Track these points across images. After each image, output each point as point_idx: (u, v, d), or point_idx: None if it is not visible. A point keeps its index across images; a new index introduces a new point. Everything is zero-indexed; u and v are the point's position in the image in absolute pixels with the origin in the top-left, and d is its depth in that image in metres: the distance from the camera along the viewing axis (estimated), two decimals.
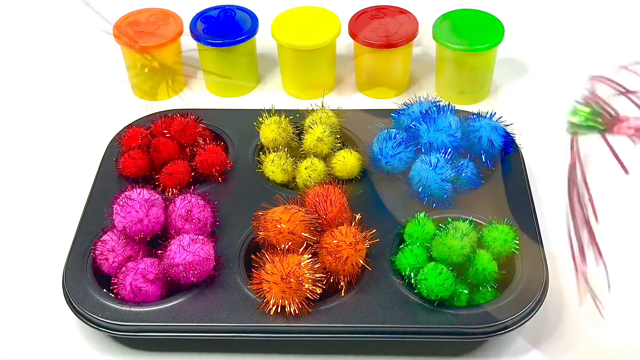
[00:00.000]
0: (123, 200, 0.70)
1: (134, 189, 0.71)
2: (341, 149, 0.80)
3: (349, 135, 0.83)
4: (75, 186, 0.84)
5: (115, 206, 0.70)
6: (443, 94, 0.95)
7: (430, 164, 0.73)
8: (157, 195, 0.72)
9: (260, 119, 0.81)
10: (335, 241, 0.67)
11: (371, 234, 0.69)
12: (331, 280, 0.68)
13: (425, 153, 0.75)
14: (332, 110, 0.82)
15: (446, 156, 0.74)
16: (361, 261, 0.67)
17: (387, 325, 0.65)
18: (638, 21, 1.08)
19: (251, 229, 0.72)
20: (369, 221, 0.71)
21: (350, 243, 0.67)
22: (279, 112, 0.81)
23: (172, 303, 0.68)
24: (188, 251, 0.67)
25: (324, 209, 0.70)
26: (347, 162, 0.78)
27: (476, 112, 0.80)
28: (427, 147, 0.76)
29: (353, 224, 0.70)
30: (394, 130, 0.78)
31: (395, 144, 0.76)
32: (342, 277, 0.68)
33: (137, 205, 0.69)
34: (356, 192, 0.76)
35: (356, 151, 0.79)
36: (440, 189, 0.73)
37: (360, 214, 0.72)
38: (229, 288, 0.69)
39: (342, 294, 0.68)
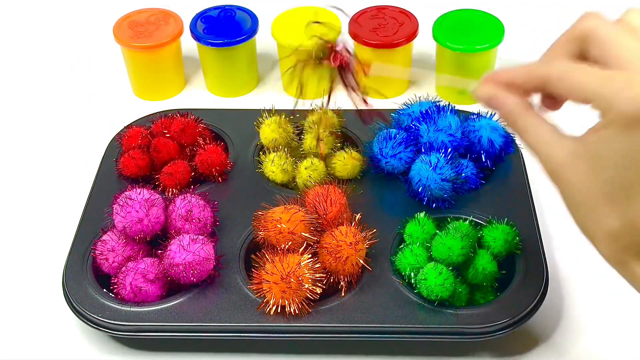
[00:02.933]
0: (123, 200, 0.70)
1: (134, 189, 0.71)
2: (341, 149, 0.80)
3: (349, 135, 0.83)
4: (75, 186, 0.84)
5: (115, 206, 0.70)
6: (443, 94, 0.95)
7: (430, 164, 0.73)
8: (157, 195, 0.72)
9: (260, 119, 0.81)
10: (335, 241, 0.67)
11: (371, 234, 0.69)
12: (331, 280, 0.68)
13: (425, 153, 0.75)
14: (332, 110, 0.82)
15: (446, 156, 0.74)
16: (361, 261, 0.67)
17: (387, 325, 0.65)
18: None
19: (251, 229, 0.72)
20: (369, 221, 0.71)
21: (350, 243, 0.67)
22: (279, 112, 0.81)
23: (172, 303, 0.68)
24: (188, 251, 0.67)
25: (324, 209, 0.70)
26: (347, 162, 0.78)
27: (476, 112, 0.80)
28: (427, 147, 0.76)
29: (353, 224, 0.70)
30: (394, 130, 0.78)
31: (395, 144, 0.76)
32: (342, 277, 0.68)
33: (137, 205, 0.69)
34: (356, 192, 0.76)
35: (356, 151, 0.79)
36: (440, 189, 0.73)
37: (360, 213, 0.72)
38: (229, 288, 0.69)
39: (342, 294, 0.68)
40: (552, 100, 0.52)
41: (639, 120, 0.42)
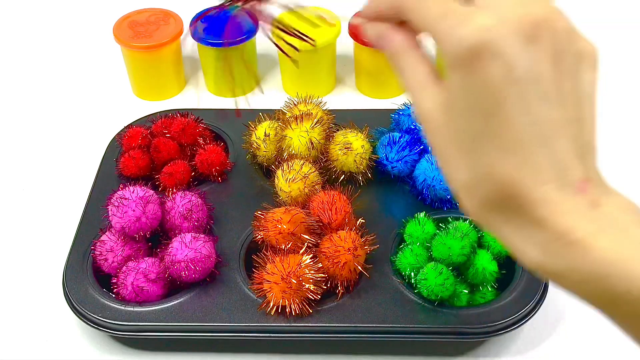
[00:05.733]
0: (118, 200, 0.70)
1: (126, 188, 0.71)
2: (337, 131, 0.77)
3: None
4: (75, 186, 0.84)
5: (110, 207, 0.70)
6: None
7: (437, 165, 0.73)
8: (151, 191, 0.72)
9: (251, 127, 0.80)
10: (333, 246, 0.67)
11: (372, 239, 0.69)
12: (329, 284, 0.68)
13: (430, 152, 0.75)
14: (314, 102, 0.80)
15: None
16: (359, 267, 0.67)
17: (387, 325, 0.65)
18: (638, 23, 1.08)
19: (251, 229, 0.72)
20: (369, 221, 0.71)
21: (348, 249, 0.66)
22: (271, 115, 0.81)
23: (172, 303, 0.68)
24: (190, 248, 0.67)
25: (329, 217, 0.70)
26: (353, 144, 0.75)
27: None
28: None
29: (353, 229, 0.69)
30: (397, 134, 0.77)
31: (399, 148, 0.76)
32: (339, 282, 0.67)
33: (132, 205, 0.69)
34: (360, 198, 0.74)
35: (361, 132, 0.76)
36: (444, 190, 0.73)
37: (362, 217, 0.71)
38: (229, 288, 0.69)
39: (341, 296, 0.67)
40: None
41: (468, 61, 0.37)
